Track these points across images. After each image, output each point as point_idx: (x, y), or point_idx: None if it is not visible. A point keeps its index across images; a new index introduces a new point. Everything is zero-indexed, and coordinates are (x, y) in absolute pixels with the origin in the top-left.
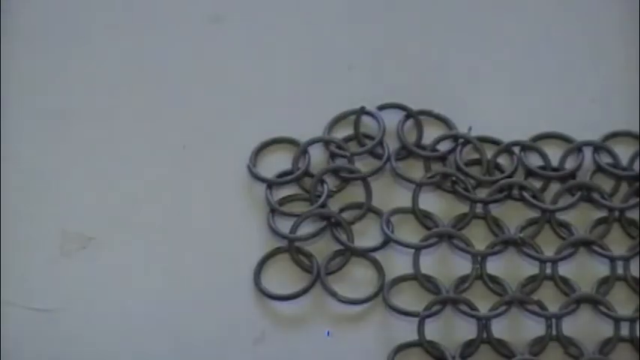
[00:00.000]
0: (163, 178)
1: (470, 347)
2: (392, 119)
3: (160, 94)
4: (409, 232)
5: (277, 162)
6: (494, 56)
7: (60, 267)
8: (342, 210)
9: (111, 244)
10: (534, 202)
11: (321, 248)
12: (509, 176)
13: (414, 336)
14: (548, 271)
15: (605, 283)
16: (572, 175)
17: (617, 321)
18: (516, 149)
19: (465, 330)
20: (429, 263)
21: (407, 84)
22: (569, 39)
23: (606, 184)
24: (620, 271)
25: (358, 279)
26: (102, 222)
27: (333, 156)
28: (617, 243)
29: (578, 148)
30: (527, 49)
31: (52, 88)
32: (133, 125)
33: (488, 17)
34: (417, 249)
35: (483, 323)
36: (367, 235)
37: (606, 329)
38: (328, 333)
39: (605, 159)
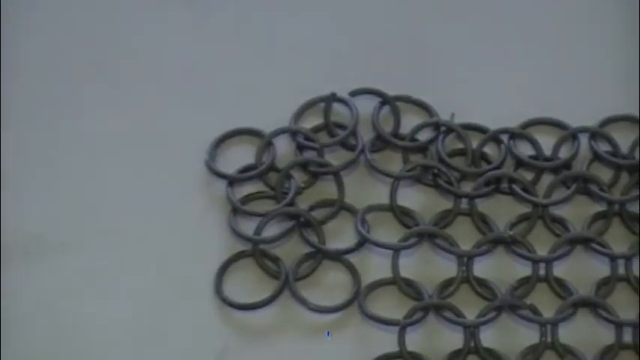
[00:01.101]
0: (115, 177)
1: (456, 358)
2: (366, 106)
3: (117, 86)
4: (387, 231)
5: (239, 156)
6: (479, 34)
7: (24, 272)
8: (311, 208)
9: (70, 248)
10: (525, 195)
11: (289, 251)
12: (497, 167)
13: (394, 347)
14: (542, 272)
15: (605, 284)
16: (567, 165)
17: (618, 326)
18: (504, 137)
19: (450, 339)
20: (410, 266)
21: (382, 67)
22: (562, 14)
23: (605, 174)
24: (621, 270)
25: (331, 284)
26: (61, 225)
27: (300, 148)
28: (618, 240)
29: (573, 135)
30: (516, 25)
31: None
32: (96, 122)
33: None
34: (396, 250)
35: (471, 331)
36: (340, 236)
37: (607, 335)
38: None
39: (603, 147)
